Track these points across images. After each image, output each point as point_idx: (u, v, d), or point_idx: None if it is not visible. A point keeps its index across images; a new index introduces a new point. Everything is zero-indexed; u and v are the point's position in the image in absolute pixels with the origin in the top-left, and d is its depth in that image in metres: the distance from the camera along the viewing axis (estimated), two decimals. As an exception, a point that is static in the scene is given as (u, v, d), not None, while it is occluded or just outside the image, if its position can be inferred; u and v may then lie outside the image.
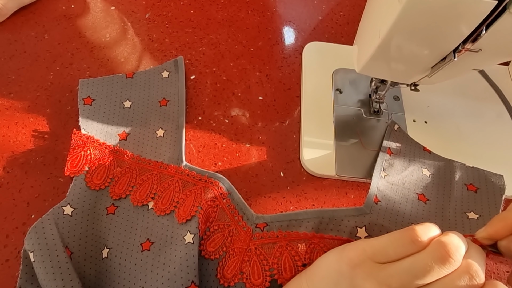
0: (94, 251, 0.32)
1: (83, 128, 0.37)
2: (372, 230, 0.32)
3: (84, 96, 0.39)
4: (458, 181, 0.37)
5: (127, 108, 0.40)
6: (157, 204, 0.34)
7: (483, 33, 0.25)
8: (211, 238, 0.33)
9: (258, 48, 0.47)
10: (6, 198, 0.35)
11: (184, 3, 0.50)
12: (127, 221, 0.34)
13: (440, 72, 0.31)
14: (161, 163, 0.36)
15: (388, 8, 0.27)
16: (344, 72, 0.44)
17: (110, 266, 0.31)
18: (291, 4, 0.52)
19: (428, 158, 0.38)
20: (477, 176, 0.37)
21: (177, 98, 0.41)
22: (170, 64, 0.43)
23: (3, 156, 0.37)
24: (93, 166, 0.35)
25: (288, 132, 0.41)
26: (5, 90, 0.41)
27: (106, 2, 0.49)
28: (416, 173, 0.37)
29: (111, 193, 0.35)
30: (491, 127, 0.42)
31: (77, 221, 0.32)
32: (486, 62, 0.30)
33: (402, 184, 0.36)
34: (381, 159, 0.38)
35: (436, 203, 0.36)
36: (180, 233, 0.32)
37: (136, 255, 0.32)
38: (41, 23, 0.46)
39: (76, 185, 0.34)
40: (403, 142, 0.39)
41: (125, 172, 0.36)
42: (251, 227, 0.33)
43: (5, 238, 0.33)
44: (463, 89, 0.45)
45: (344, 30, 0.50)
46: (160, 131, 0.39)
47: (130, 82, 0.41)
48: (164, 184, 0.35)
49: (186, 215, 0.32)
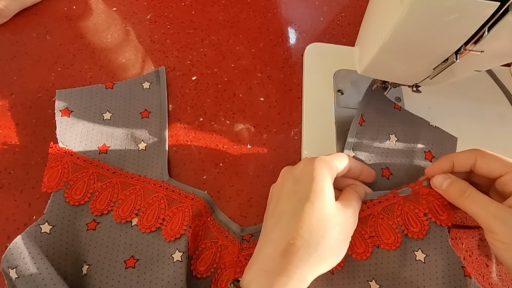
0: (73, 269, 0.31)
1: (61, 141, 0.35)
2: None
3: (62, 107, 0.37)
4: (419, 148, 0.38)
5: (107, 119, 0.38)
6: (142, 220, 0.33)
7: (485, 34, 0.25)
8: (201, 257, 0.33)
9: (260, 49, 0.47)
10: (7, 199, 0.35)
11: (185, 4, 0.50)
12: (108, 237, 0.32)
13: (442, 73, 0.31)
14: (144, 177, 0.35)
15: (390, 10, 0.27)
16: (345, 73, 0.44)
17: (89, 283, 0.30)
18: (293, 5, 0.52)
19: (397, 118, 0.39)
20: (436, 140, 0.38)
21: (159, 110, 0.40)
22: (151, 75, 0.42)
23: (4, 157, 0.37)
24: (72, 180, 0.34)
25: (289, 133, 0.41)
26: (6, 91, 0.41)
27: (108, 3, 0.49)
28: (383, 143, 0.38)
29: (92, 209, 0.33)
30: (493, 128, 0.42)
31: (56, 238, 0.31)
32: (488, 63, 0.30)
33: (369, 160, 0.37)
34: (351, 135, 0.38)
35: (398, 178, 0.36)
36: (168, 251, 0.31)
37: (120, 272, 0.31)
38: (43, 24, 0.46)
39: (54, 201, 0.33)
40: (377, 100, 0.40)
41: (106, 186, 0.34)
42: (238, 239, 0.34)
43: (6, 239, 0.33)
44: (465, 90, 0.44)
45: (346, 31, 0.50)
46: (142, 144, 0.38)
47: (110, 93, 0.40)
48: (149, 200, 0.34)
49: (175, 233, 0.32)
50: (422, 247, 0.31)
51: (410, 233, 0.32)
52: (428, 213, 0.32)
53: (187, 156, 0.38)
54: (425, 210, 0.32)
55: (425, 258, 0.31)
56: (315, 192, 0.27)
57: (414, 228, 0.32)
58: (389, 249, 0.32)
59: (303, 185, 0.28)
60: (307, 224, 0.26)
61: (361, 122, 0.39)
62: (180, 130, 0.40)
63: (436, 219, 0.31)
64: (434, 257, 0.31)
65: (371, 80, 0.41)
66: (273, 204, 0.30)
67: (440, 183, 0.30)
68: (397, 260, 0.32)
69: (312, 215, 0.26)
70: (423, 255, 0.31)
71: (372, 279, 0.31)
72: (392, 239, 0.32)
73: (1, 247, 0.33)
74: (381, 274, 0.31)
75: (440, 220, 0.31)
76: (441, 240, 0.31)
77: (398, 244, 0.32)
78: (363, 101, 0.40)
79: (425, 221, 0.32)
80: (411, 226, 0.32)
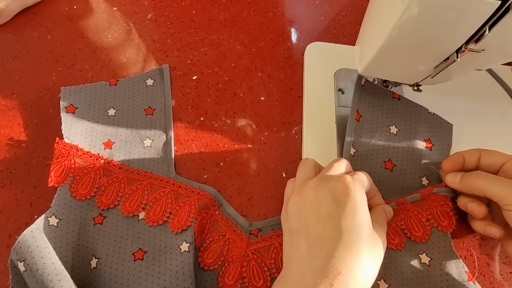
0: (81, 262, 0.31)
1: (66, 136, 0.36)
2: None
3: (67, 104, 0.38)
4: (420, 136, 0.38)
5: (112, 116, 0.39)
6: (149, 214, 0.34)
7: (486, 33, 0.25)
8: (208, 249, 0.33)
9: (260, 49, 0.47)
10: (9, 198, 0.35)
11: (186, 4, 0.50)
12: (116, 231, 0.33)
13: (443, 72, 0.31)
14: (150, 174, 0.36)
15: (390, 8, 0.27)
16: (346, 73, 0.44)
17: (99, 276, 0.31)
18: (293, 5, 0.52)
19: (396, 107, 0.39)
20: (434, 127, 0.39)
21: (164, 108, 0.40)
22: (155, 72, 0.42)
23: (5, 156, 0.37)
24: (78, 175, 0.34)
25: (290, 132, 0.41)
26: (8, 90, 0.41)
27: (108, 3, 0.49)
28: (383, 136, 0.38)
29: (98, 203, 0.34)
30: (495, 127, 0.42)
31: (63, 231, 0.32)
32: (489, 62, 0.30)
33: (371, 155, 0.37)
34: (349, 133, 0.38)
35: (400, 169, 0.37)
36: (175, 243, 0.32)
37: (128, 264, 0.32)
38: (44, 24, 0.46)
39: (60, 195, 0.33)
40: (371, 95, 0.40)
41: (112, 181, 0.35)
42: (246, 233, 0.34)
43: (8, 238, 0.33)
44: (466, 89, 0.44)
45: (346, 30, 0.50)
46: (147, 140, 0.38)
47: (113, 90, 0.40)
48: (155, 195, 0.34)
49: (181, 225, 0.32)
50: (426, 251, 0.32)
51: (413, 237, 0.33)
52: (430, 219, 0.33)
53: (188, 155, 0.39)
54: (428, 216, 0.33)
55: (430, 262, 0.32)
56: (361, 223, 0.27)
57: (416, 233, 0.33)
58: (395, 248, 0.32)
59: (347, 212, 0.27)
60: (356, 257, 0.26)
61: (358, 118, 0.38)
62: (181, 130, 0.40)
63: (438, 225, 0.33)
64: (438, 261, 0.32)
65: (372, 79, 0.41)
66: (310, 223, 0.28)
67: (455, 178, 0.33)
68: (404, 261, 0.32)
69: (361, 248, 0.26)
70: (428, 258, 0.32)
71: (381, 278, 0.32)
72: (398, 240, 0.33)
73: (3, 246, 0.33)
74: (390, 273, 0.32)
75: (441, 226, 0.33)
76: (444, 244, 0.32)
77: (403, 245, 0.33)
78: (355, 96, 0.39)
79: (427, 226, 0.33)
80: (414, 230, 0.33)
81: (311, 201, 0.29)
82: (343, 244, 0.26)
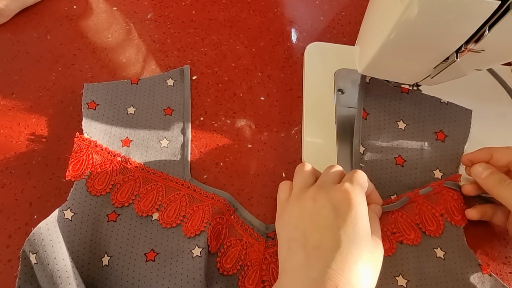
0: (92, 258, 0.31)
1: (86, 132, 0.36)
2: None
3: (88, 100, 0.39)
4: (429, 128, 0.38)
5: (131, 114, 0.39)
6: (163, 216, 0.34)
7: (486, 33, 0.25)
8: (226, 254, 0.33)
9: (260, 49, 0.47)
10: (8, 198, 0.35)
11: (186, 4, 0.50)
12: (129, 229, 0.33)
13: (443, 72, 0.31)
14: (166, 175, 0.36)
15: (390, 8, 0.27)
16: (346, 73, 0.44)
17: (111, 274, 0.31)
18: (293, 5, 0.52)
19: (404, 102, 0.39)
20: (448, 117, 0.38)
21: (182, 109, 0.40)
22: (175, 73, 0.43)
23: (5, 156, 0.37)
24: (94, 171, 0.35)
25: (289, 132, 0.41)
26: (7, 90, 0.41)
27: (108, 3, 0.49)
28: (391, 132, 0.38)
29: (113, 200, 0.34)
30: (495, 127, 0.41)
31: (77, 226, 0.32)
32: (489, 62, 0.30)
33: (380, 152, 0.37)
34: (357, 131, 0.38)
35: (411, 164, 0.37)
36: (188, 247, 0.32)
37: (140, 264, 0.32)
38: (44, 24, 0.46)
39: (76, 189, 0.34)
40: (378, 91, 0.40)
41: (128, 179, 0.35)
42: (263, 237, 0.34)
43: (7, 238, 0.33)
44: (465, 89, 0.44)
45: (346, 31, 0.50)
46: (164, 141, 0.38)
47: (134, 88, 0.41)
48: (170, 197, 0.35)
49: (195, 229, 0.32)
50: (441, 245, 0.33)
51: (427, 231, 0.33)
52: (444, 213, 0.34)
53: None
54: (441, 210, 0.34)
55: (445, 256, 0.33)
56: (360, 234, 0.27)
57: (430, 227, 0.33)
58: (411, 244, 0.33)
59: (347, 223, 0.27)
60: (353, 269, 0.25)
61: (365, 116, 0.39)
62: (181, 130, 0.40)
63: (451, 219, 0.33)
64: (452, 254, 0.33)
65: (361, 74, 0.41)
66: (308, 233, 0.28)
67: (481, 172, 0.33)
68: (420, 256, 0.33)
69: (359, 260, 0.26)
70: (442, 252, 0.33)
71: (399, 274, 0.32)
72: (413, 235, 0.33)
73: (3, 246, 0.33)
74: (407, 269, 0.32)
75: (455, 220, 0.33)
76: (457, 239, 0.33)
77: (419, 239, 0.33)
78: (361, 95, 0.39)
79: (441, 220, 0.33)
80: (428, 224, 0.34)
81: (310, 211, 0.29)
82: (341, 255, 0.25)
